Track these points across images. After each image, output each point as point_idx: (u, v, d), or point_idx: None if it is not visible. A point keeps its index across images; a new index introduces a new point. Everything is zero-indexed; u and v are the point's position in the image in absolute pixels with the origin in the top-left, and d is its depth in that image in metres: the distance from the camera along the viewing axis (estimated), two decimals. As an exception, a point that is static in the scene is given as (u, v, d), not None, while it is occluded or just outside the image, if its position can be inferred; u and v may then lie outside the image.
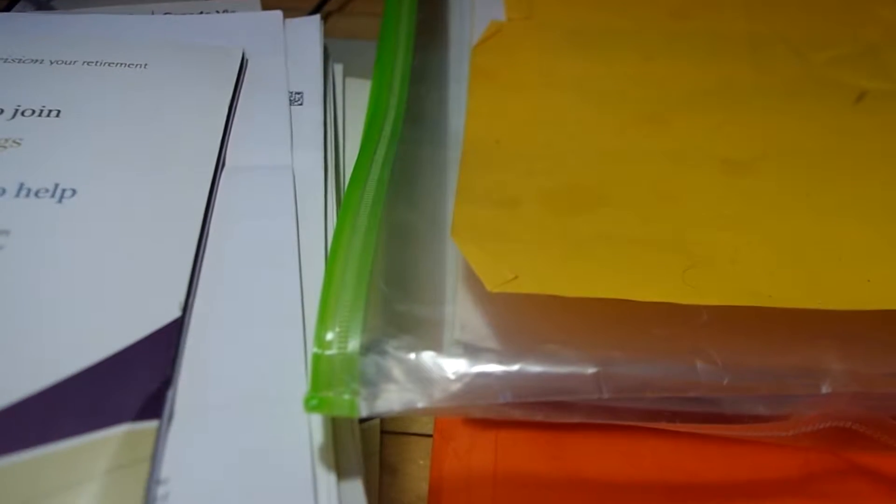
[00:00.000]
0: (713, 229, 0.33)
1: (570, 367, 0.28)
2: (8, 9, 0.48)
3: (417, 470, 0.32)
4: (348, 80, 0.45)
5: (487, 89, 0.40)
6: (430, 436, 0.32)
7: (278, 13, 0.44)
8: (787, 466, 0.31)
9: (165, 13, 0.46)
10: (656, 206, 0.34)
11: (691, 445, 0.31)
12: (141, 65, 0.39)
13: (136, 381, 0.28)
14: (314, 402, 0.27)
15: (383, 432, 0.32)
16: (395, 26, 0.43)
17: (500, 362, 0.28)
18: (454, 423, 0.32)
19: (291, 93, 0.40)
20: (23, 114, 0.36)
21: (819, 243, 0.32)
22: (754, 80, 0.41)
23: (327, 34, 0.45)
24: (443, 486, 0.31)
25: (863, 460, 0.31)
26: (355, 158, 0.35)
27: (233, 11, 0.46)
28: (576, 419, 0.29)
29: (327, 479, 0.28)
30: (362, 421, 0.31)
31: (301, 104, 0.40)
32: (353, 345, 0.28)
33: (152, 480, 0.27)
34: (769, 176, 0.35)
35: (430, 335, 0.30)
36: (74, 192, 0.34)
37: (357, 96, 0.43)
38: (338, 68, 0.44)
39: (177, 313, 0.30)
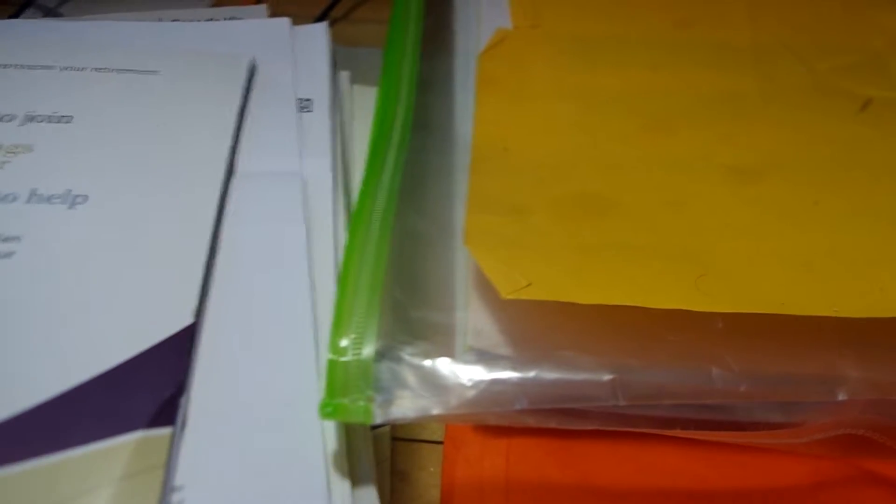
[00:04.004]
0: (723, 237, 0.33)
1: (586, 374, 0.28)
2: (16, 16, 0.48)
3: (428, 477, 0.32)
4: (355, 87, 0.44)
5: (494, 97, 0.40)
6: (440, 443, 0.32)
7: (286, 20, 0.44)
8: (800, 474, 0.31)
9: (173, 20, 0.46)
10: (665, 215, 0.34)
11: (703, 453, 0.31)
12: (151, 71, 0.39)
13: (150, 388, 0.28)
14: (329, 408, 0.27)
15: (394, 439, 0.32)
16: (402, 34, 0.43)
17: (515, 369, 0.28)
18: (465, 431, 0.32)
19: (300, 99, 0.40)
20: (34, 120, 0.36)
21: (829, 251, 0.32)
22: (760, 88, 0.41)
23: (333, 41, 0.45)
24: (454, 494, 0.31)
25: (875, 468, 0.31)
26: (364, 165, 0.35)
27: (240, 19, 0.46)
28: (590, 426, 0.29)
29: (341, 485, 0.28)
30: (373, 427, 0.31)
31: (310, 111, 0.40)
32: (368, 351, 0.28)
33: (167, 488, 0.27)
34: (777, 184, 0.35)
35: (443, 342, 0.30)
36: (86, 198, 0.34)
37: (363, 103, 0.43)
38: (344, 75, 0.44)
39: (189, 320, 0.30)
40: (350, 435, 0.29)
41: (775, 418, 0.30)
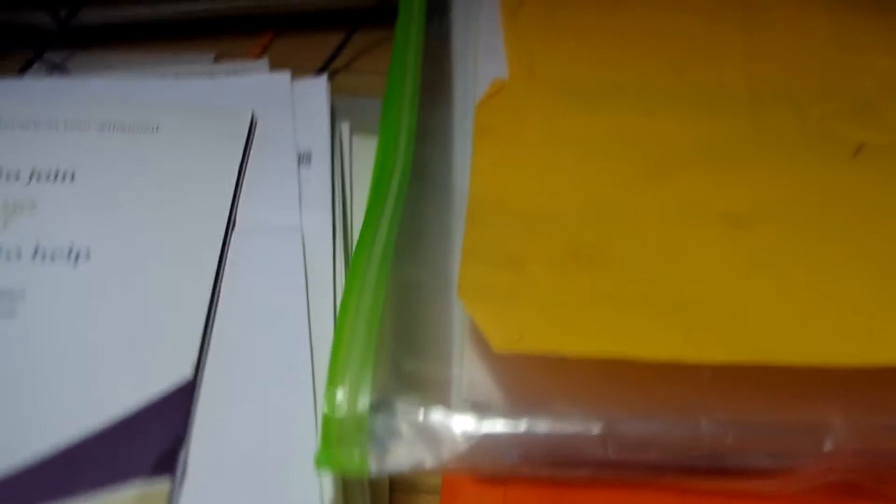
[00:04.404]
0: (715, 286, 0.33)
1: (576, 427, 0.29)
2: (23, 70, 0.49)
3: (426, 526, 0.32)
4: (355, 137, 0.45)
5: (491, 147, 0.40)
6: (438, 492, 0.33)
7: (286, 75, 0.45)
8: (793, 521, 0.31)
9: (176, 74, 0.46)
10: (658, 264, 0.34)
11: (696, 499, 0.31)
12: (153, 128, 0.40)
13: (150, 441, 0.29)
14: (325, 461, 0.28)
15: (392, 489, 0.33)
16: (400, 85, 0.43)
17: (507, 422, 0.29)
18: (461, 480, 0.32)
19: (300, 153, 0.41)
20: (38, 178, 0.37)
21: (821, 300, 0.32)
22: (754, 134, 0.41)
23: (334, 91, 0.46)
24: (452, 542, 0.31)
25: (868, 514, 0.31)
26: (363, 217, 0.36)
27: (242, 72, 0.47)
28: (583, 475, 0.30)
29: (338, 536, 0.28)
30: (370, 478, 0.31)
31: (309, 164, 0.40)
32: (363, 404, 0.28)
33: (166, 540, 0.27)
34: (769, 231, 0.36)
35: (438, 394, 0.30)
36: (89, 254, 0.34)
37: (364, 153, 0.43)
38: (345, 126, 0.45)
39: (189, 373, 0.31)
40: (347, 486, 0.30)
41: (766, 465, 0.30)
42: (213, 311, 0.33)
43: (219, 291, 0.34)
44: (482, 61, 0.46)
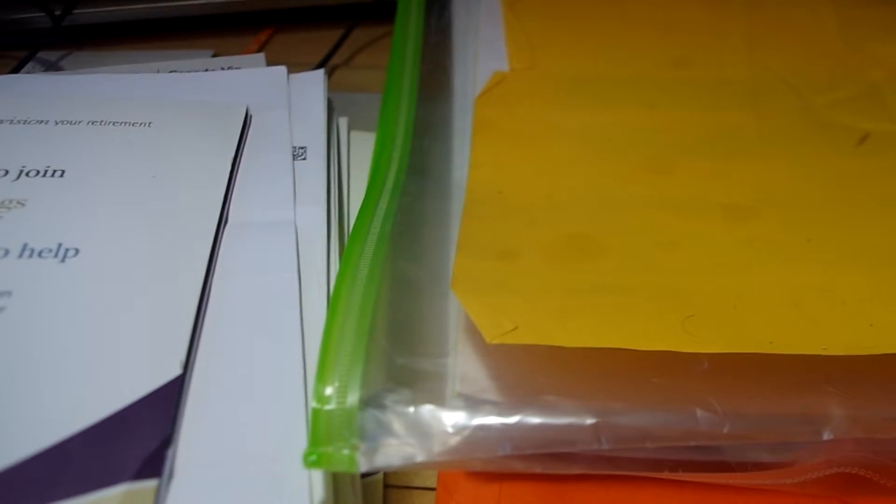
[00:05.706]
0: (714, 277, 0.33)
1: (569, 418, 0.28)
2: (16, 70, 0.48)
3: (421, 524, 0.32)
4: (354, 132, 0.45)
5: (490, 140, 0.40)
6: (433, 489, 0.32)
7: (282, 69, 0.45)
8: (793, 514, 0.31)
9: (171, 71, 0.46)
10: (657, 255, 0.34)
11: (694, 494, 0.31)
12: (145, 123, 0.40)
13: (137, 441, 0.28)
14: (313, 457, 0.27)
15: (386, 486, 0.32)
16: (399, 79, 0.43)
17: (500, 414, 0.28)
18: (457, 477, 0.32)
19: (295, 148, 0.40)
20: (27, 174, 0.37)
21: (821, 288, 0.32)
22: (756, 125, 0.41)
23: (333, 87, 0.45)
24: (447, 540, 0.31)
25: (869, 506, 0.30)
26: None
27: (238, 68, 0.46)
28: (577, 470, 0.29)
29: (328, 534, 0.28)
30: (365, 475, 0.31)
31: (304, 159, 0.40)
32: (352, 399, 0.28)
33: (153, 540, 0.27)
34: (770, 222, 0.35)
35: (430, 388, 0.30)
36: (77, 251, 0.34)
37: (362, 149, 0.43)
38: (342, 121, 0.45)
39: (178, 371, 0.30)
40: (338, 484, 0.29)
41: (765, 458, 0.29)
42: (203, 307, 0.33)
43: (209, 286, 0.33)
44: (482, 54, 0.46)
